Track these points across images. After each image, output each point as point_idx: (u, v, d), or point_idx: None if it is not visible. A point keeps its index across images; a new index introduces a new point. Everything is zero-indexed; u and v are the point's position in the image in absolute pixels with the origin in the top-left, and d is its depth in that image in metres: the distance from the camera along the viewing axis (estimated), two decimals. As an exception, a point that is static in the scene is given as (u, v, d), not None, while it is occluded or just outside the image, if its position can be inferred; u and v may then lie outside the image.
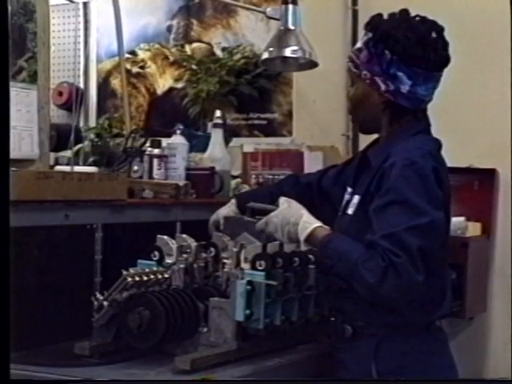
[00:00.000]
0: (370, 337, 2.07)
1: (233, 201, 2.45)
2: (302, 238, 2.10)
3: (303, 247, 2.11)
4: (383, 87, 2.10)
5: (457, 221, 3.02)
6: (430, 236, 1.96)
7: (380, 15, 2.15)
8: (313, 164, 3.05)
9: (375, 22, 2.13)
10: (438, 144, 2.16)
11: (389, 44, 2.07)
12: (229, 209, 2.42)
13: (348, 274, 2.00)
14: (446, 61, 2.13)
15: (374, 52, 2.09)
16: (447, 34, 2.82)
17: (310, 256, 2.12)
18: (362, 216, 2.07)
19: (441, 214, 2.01)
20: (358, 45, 2.15)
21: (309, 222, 2.11)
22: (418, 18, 2.12)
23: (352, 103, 2.21)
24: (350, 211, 2.15)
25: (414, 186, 1.98)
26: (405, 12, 2.13)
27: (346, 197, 2.21)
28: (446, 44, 2.13)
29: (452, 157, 3.13)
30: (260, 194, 2.52)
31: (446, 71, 3.21)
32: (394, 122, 2.14)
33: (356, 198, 2.14)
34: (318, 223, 2.11)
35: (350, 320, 2.13)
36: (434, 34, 2.10)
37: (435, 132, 2.20)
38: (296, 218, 2.13)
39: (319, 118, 2.32)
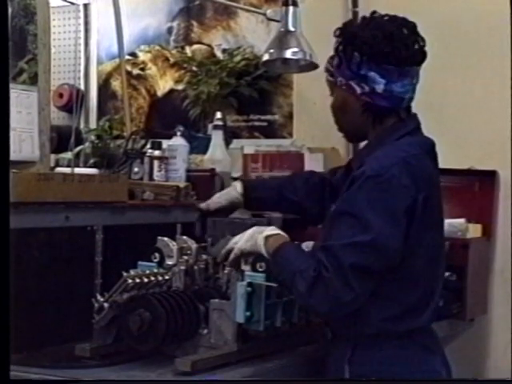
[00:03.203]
0: (347, 341, 2.05)
1: (238, 185, 2.36)
2: (261, 242, 2.06)
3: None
4: (359, 90, 2.06)
5: (457, 222, 3.02)
6: (370, 254, 1.92)
7: (351, 21, 2.16)
8: (313, 166, 3.05)
9: (343, 28, 2.11)
10: (425, 145, 2.11)
11: (356, 45, 2.05)
12: (228, 195, 2.34)
13: (288, 281, 1.98)
14: (420, 56, 2.08)
15: (343, 56, 2.07)
16: (447, 35, 2.83)
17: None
18: None
19: (394, 230, 1.94)
20: (332, 53, 2.13)
21: (271, 229, 2.09)
22: (386, 18, 2.09)
23: (333, 112, 2.18)
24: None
25: (371, 199, 1.94)
26: (374, 13, 2.12)
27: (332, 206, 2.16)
28: (419, 39, 2.08)
29: (453, 159, 3.15)
30: (268, 185, 2.44)
31: (446, 73, 3.23)
32: (377, 124, 2.10)
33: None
34: (279, 231, 2.09)
35: (329, 324, 2.13)
36: (405, 31, 2.06)
37: (436, 134, 2.19)
38: (263, 229, 2.11)
39: (320, 120, 2.32)
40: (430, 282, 2.08)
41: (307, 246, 2.19)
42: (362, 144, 2.21)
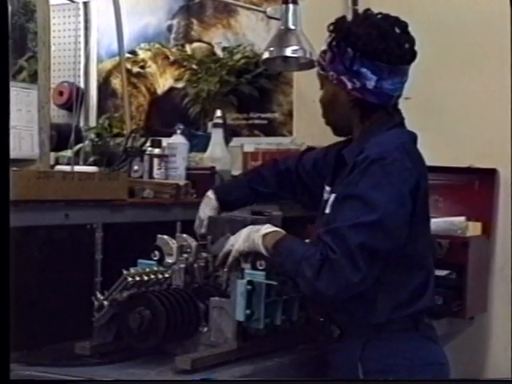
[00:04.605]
0: (357, 337, 2.06)
1: (211, 195, 2.40)
2: (259, 240, 2.06)
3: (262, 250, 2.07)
4: (350, 85, 2.09)
5: (457, 220, 3.02)
6: (376, 233, 1.94)
7: (344, 17, 2.17)
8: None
9: (337, 23, 2.13)
10: (412, 136, 2.14)
11: (350, 41, 2.07)
12: (209, 207, 2.38)
13: (293, 269, 1.99)
14: (411, 55, 2.10)
15: (336, 51, 2.09)
16: (447, 35, 2.83)
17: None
18: None
19: (399, 210, 1.98)
20: (323, 47, 2.15)
21: (267, 227, 2.10)
22: (380, 16, 2.11)
23: (322, 106, 2.21)
24: (327, 210, 2.14)
25: (375, 181, 1.97)
26: (368, 11, 2.14)
27: (325, 196, 2.19)
28: (410, 39, 2.11)
29: (452, 157, 3.16)
30: (239, 184, 2.49)
31: (446, 72, 3.23)
32: (365, 119, 2.13)
33: (333, 197, 2.12)
34: (275, 228, 2.10)
35: (336, 321, 2.13)
36: (397, 30, 2.08)
37: (436, 132, 2.20)
38: (259, 227, 2.11)
39: (319, 118, 2.32)
40: (429, 265, 2.13)
41: None
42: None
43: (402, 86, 2.13)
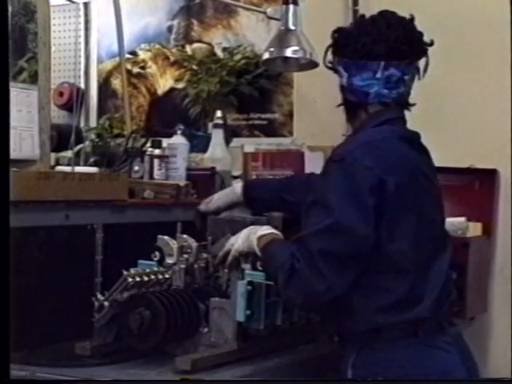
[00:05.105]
0: (352, 343, 2.02)
1: (237, 185, 2.38)
2: (255, 242, 2.07)
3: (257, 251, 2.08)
4: (338, 83, 2.13)
5: (457, 221, 3.02)
6: (335, 237, 1.91)
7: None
8: (314, 164, 3.04)
9: None
10: (399, 133, 2.08)
11: (332, 41, 2.14)
12: (229, 197, 2.35)
13: (273, 275, 2.02)
14: (380, 51, 2.04)
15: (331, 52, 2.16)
16: (447, 35, 2.81)
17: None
18: None
19: (357, 211, 1.91)
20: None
21: (265, 229, 2.11)
22: (375, 14, 2.11)
23: None
24: None
25: (333, 183, 1.94)
26: (381, 13, 2.13)
27: None
28: (392, 35, 2.05)
29: (453, 157, 3.16)
30: (269, 185, 2.44)
31: (446, 72, 3.23)
32: (351, 118, 2.14)
33: None
34: (272, 230, 2.11)
35: (335, 327, 2.12)
36: (380, 26, 2.05)
37: (436, 133, 2.19)
38: (258, 228, 2.12)
39: (320, 118, 2.33)
40: (420, 270, 2.00)
41: None
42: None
43: (382, 82, 2.05)
